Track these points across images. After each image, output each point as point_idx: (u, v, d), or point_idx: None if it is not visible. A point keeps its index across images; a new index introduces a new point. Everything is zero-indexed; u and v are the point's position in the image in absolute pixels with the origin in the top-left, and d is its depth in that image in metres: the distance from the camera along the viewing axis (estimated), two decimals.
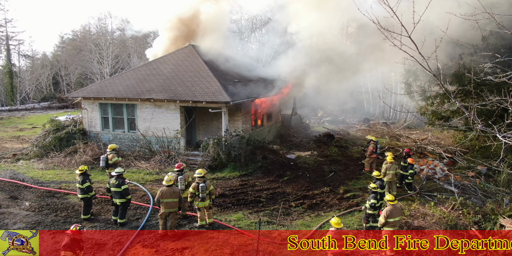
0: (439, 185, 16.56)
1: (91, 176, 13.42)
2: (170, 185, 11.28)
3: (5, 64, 54.43)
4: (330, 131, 27.79)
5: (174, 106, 19.64)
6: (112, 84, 21.76)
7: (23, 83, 53.81)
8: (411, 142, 23.68)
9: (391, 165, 15.00)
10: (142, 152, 19.89)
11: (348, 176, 17.98)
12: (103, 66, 52.29)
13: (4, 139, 26.97)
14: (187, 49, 23.72)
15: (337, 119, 36.81)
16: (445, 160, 20.06)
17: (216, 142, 18.24)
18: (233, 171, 17.52)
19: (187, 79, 20.55)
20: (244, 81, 22.57)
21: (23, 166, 19.09)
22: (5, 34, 54.42)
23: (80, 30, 64.31)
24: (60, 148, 20.45)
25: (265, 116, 24.26)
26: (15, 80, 53.09)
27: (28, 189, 15.49)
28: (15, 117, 40.19)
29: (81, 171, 12.30)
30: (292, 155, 20.78)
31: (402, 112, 33.11)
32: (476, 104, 8.38)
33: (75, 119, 24.07)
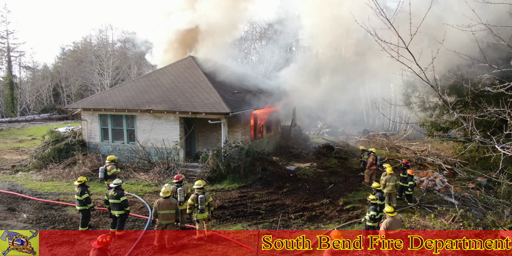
0: (439, 197, 16.47)
1: (89, 187, 13.37)
2: (167, 197, 11.22)
3: (6, 76, 54.66)
4: (329, 142, 27.76)
5: (174, 117, 19.66)
6: (112, 95, 21.83)
7: (24, 94, 53.98)
8: (411, 154, 23.63)
9: (390, 177, 14.95)
10: (141, 163, 19.83)
11: (347, 187, 17.89)
12: (104, 78, 52.53)
13: (3, 150, 26.92)
14: (187, 60, 23.86)
15: (337, 130, 36.79)
16: (445, 172, 20.00)
17: (215, 153, 18.20)
18: (232, 182, 17.44)
19: (187, 90, 20.62)
20: (243, 92, 22.64)
21: (22, 177, 19.02)
22: (6, 46, 54.78)
23: (81, 42, 64.90)
24: (59, 160, 20.40)
25: (265, 127, 24.27)
26: (15, 91, 53.27)
27: (26, 201, 15.40)
28: (15, 129, 40.18)
29: (79, 182, 12.23)
30: (291, 166, 20.73)
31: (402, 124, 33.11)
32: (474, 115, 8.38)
33: (75, 130, 24.08)
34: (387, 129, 37.52)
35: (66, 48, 67.35)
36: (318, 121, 39.48)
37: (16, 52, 56.48)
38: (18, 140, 31.76)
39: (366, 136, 32.68)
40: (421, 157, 22.56)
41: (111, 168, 15.24)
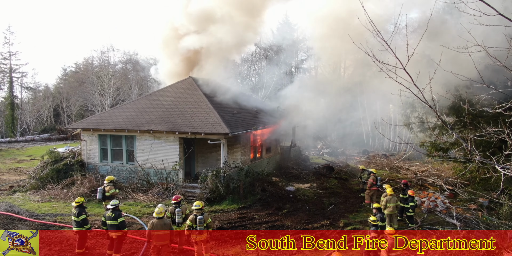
0: (440, 218, 16.29)
1: (87, 208, 13.22)
2: (161, 217, 11.07)
3: (7, 96, 54.98)
4: (329, 163, 27.68)
5: (173, 137, 19.66)
6: (112, 116, 21.89)
7: (24, 114, 54.18)
8: (411, 174, 23.53)
9: (391, 198, 14.81)
10: (140, 184, 19.70)
11: (348, 208, 17.71)
12: (104, 98, 52.83)
13: (1, 171, 26.78)
14: (187, 81, 24.06)
15: (336, 150, 36.74)
16: (446, 193, 19.86)
17: (214, 174, 18.11)
18: (231, 203, 17.27)
19: (187, 110, 20.71)
20: (243, 113, 22.73)
21: (19, 198, 18.85)
22: (8, 67, 55.38)
23: (82, 63, 65.62)
24: (58, 180, 20.26)
25: (264, 147, 24.23)
26: (16, 112, 53.48)
27: (22, 222, 15.22)
28: (14, 149, 40.09)
29: (77, 203, 12.11)
30: (291, 187, 20.58)
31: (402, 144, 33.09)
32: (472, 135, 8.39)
33: (74, 150, 24.02)
34: (387, 150, 37.50)
35: (68, 69, 68.13)
36: (318, 142, 39.48)
37: (18, 73, 57.08)
38: (17, 161, 31.63)
39: (366, 157, 32.63)
40: (422, 177, 22.44)
41: (110, 188, 15.13)
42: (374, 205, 12.91)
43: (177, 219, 12.02)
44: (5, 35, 54.38)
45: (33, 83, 61.71)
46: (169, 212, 12.37)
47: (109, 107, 48.92)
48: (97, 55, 63.31)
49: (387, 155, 32.32)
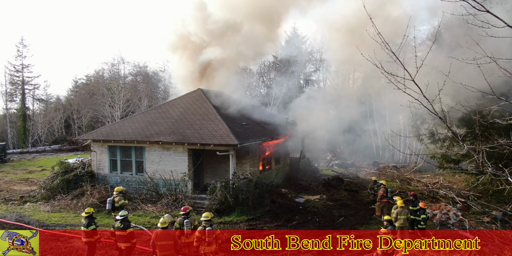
0: (453, 232, 16.01)
1: (96, 219, 13.27)
2: (165, 227, 11.05)
3: (19, 108, 55.91)
4: (339, 174, 27.50)
5: (182, 148, 19.73)
6: (121, 127, 22.09)
7: (36, 126, 54.88)
8: (423, 186, 23.25)
9: (402, 210, 14.63)
10: (149, 195, 19.73)
11: (358, 220, 17.52)
12: (115, 110, 53.40)
13: (13, 181, 27.05)
14: (196, 92, 24.25)
15: (346, 162, 36.52)
16: (458, 205, 19.55)
17: (223, 185, 18.09)
18: (240, 215, 17.20)
19: (195, 122, 20.82)
20: (252, 124, 22.78)
21: (30, 208, 18.98)
22: (21, 79, 56.39)
23: (93, 75, 66.51)
24: (68, 191, 20.40)
25: (273, 159, 24.19)
26: (28, 123, 54.28)
27: None
28: (25, 160, 40.54)
29: (87, 213, 12.15)
30: (300, 198, 20.45)
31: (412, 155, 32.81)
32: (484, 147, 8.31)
33: (84, 161, 24.20)
34: (397, 161, 37.19)
35: (79, 81, 69.13)
36: (327, 153, 39.31)
37: (30, 85, 58.09)
38: (28, 171, 31.95)
39: (376, 168, 32.38)
40: (433, 189, 22.16)
41: (119, 199, 15.18)
42: (385, 217, 12.77)
43: (185, 230, 11.99)
44: (18, 48, 55.64)
45: (44, 95, 62.70)
46: (178, 223, 12.36)
47: (119, 119, 49.39)
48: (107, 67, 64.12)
49: (397, 166, 32.03)
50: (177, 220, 12.52)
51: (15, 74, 56.40)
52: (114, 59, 65.14)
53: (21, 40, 56.67)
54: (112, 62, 63.76)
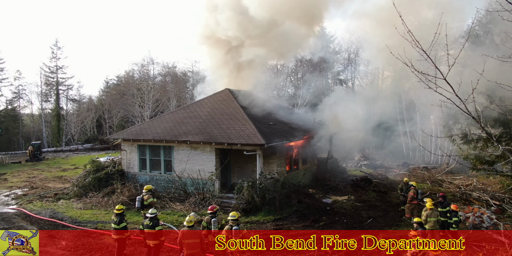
0: (487, 235, 15.48)
1: (126, 216, 13.55)
2: (191, 226, 11.15)
3: (54, 108, 57.92)
4: (367, 175, 27.07)
5: (210, 148, 19.90)
6: (150, 127, 22.49)
7: (69, 125, 56.71)
8: (455, 188, 22.58)
9: (431, 212, 14.24)
10: (177, 193, 20.01)
11: (387, 222, 17.19)
12: (144, 110, 54.45)
13: (47, 179, 28.02)
14: (224, 92, 24.40)
15: (375, 163, 35.89)
16: (492, 208, 18.88)
17: (250, 184, 18.12)
18: (267, 214, 17.20)
19: (223, 121, 20.95)
20: (279, 124, 22.72)
21: (63, 205, 19.60)
22: (55, 80, 58.35)
23: (124, 76, 68.01)
24: (99, 188, 20.94)
25: (300, 159, 24.05)
26: (62, 122, 56.20)
27: (65, 228, 15.79)
28: (59, 158, 41.95)
29: (118, 211, 12.40)
30: (328, 199, 20.26)
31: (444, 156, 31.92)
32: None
33: (115, 160, 24.78)
34: (428, 162, 36.27)
35: (110, 81, 70.87)
36: (355, 154, 38.74)
37: (64, 86, 60.05)
38: (61, 169, 33.03)
39: (406, 169, 31.69)
40: (466, 192, 21.49)
41: (148, 197, 15.45)
42: (415, 220, 12.47)
43: (213, 229, 12.09)
44: (53, 50, 57.60)
45: (77, 96, 64.73)
46: (205, 222, 12.48)
47: (149, 118, 50.31)
48: (137, 68, 65.45)
49: (428, 168, 31.22)
50: (204, 219, 12.64)
51: (50, 75, 58.48)
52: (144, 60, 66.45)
53: (56, 42, 58.56)
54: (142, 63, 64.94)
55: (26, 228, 15.75)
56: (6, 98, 56.90)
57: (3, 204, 20.21)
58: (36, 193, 22.52)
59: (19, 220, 16.97)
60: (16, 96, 57.13)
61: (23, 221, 16.92)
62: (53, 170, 32.46)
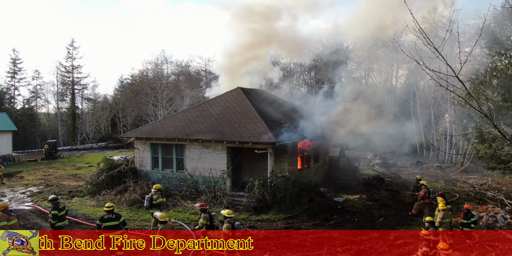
0: (501, 235, 15.22)
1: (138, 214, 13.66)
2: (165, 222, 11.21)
3: (69, 107, 58.81)
4: (379, 174, 26.85)
5: (221, 146, 19.97)
6: (163, 125, 22.66)
7: (84, 124, 57.46)
8: (469, 187, 22.27)
9: (445, 213, 14.02)
10: (189, 191, 20.13)
11: (399, 221, 17.03)
12: (158, 109, 54.84)
13: (62, 176, 28.45)
14: (235, 91, 24.44)
15: (388, 162, 35.54)
16: (507, 207, 18.57)
17: (261, 183, 18.13)
18: (278, 213, 17.20)
19: (234, 120, 21.00)
20: (290, 122, 22.65)
21: (77, 202, 19.88)
22: (71, 80, 59.21)
23: (138, 75, 68.56)
24: (112, 186, 21.18)
25: (312, 157, 23.97)
26: (77, 121, 57.01)
27: (79, 225, 16.02)
28: (74, 156, 42.57)
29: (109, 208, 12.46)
30: (339, 198, 20.17)
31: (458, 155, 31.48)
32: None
33: (128, 158, 25.00)
34: (441, 161, 35.80)
35: (125, 81, 71.51)
36: (368, 152, 38.45)
37: (79, 85, 60.92)
38: (76, 167, 33.51)
39: (419, 168, 31.35)
40: (481, 191, 21.17)
41: (157, 197, 15.40)
42: (426, 218, 12.35)
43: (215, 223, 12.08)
44: (69, 50, 58.46)
45: (92, 95, 65.49)
46: (203, 219, 12.25)
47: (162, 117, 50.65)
48: (151, 67, 65.89)
49: (442, 167, 30.85)
50: (201, 217, 12.25)
51: (65, 74, 59.39)
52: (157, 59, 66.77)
53: (72, 43, 59.35)
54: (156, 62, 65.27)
55: (40, 224, 16.04)
56: (23, 97, 58.03)
57: (19, 201, 20.59)
58: (51, 191, 22.88)
59: (34, 217, 17.27)
60: (33, 95, 58.15)
61: (38, 218, 17.21)
62: (68, 168, 32.95)
